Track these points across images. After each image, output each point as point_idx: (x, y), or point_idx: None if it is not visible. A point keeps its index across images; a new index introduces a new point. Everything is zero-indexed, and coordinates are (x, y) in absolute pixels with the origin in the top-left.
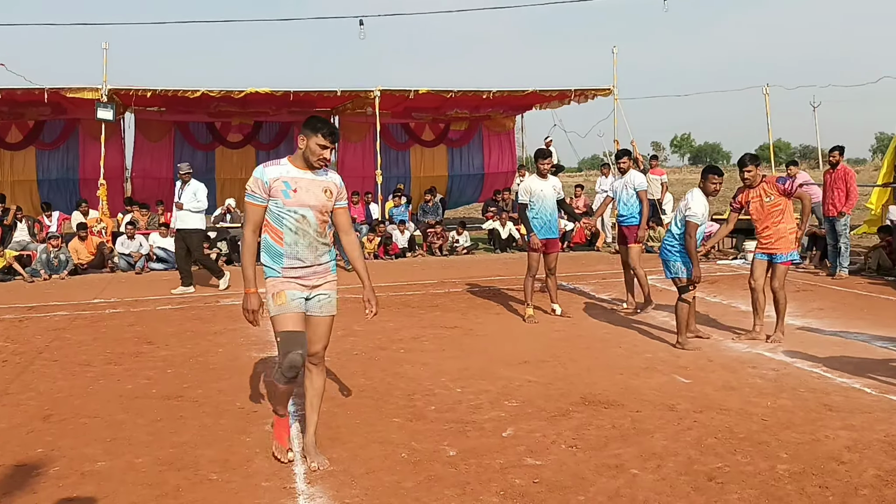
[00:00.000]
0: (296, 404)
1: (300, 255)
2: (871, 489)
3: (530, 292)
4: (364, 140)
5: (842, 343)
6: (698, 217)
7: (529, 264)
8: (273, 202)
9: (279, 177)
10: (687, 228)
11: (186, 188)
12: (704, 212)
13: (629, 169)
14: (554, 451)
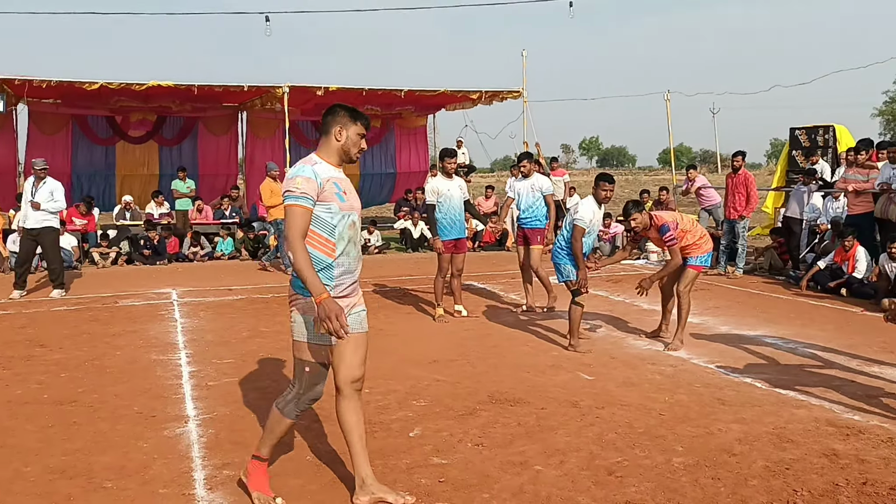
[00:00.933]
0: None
1: (352, 266)
2: (759, 479)
3: (440, 292)
4: (273, 136)
5: (735, 340)
6: (584, 222)
7: (440, 265)
8: (324, 206)
9: (330, 177)
10: (573, 233)
11: (42, 186)
12: (592, 217)
13: (530, 172)
14: (460, 449)
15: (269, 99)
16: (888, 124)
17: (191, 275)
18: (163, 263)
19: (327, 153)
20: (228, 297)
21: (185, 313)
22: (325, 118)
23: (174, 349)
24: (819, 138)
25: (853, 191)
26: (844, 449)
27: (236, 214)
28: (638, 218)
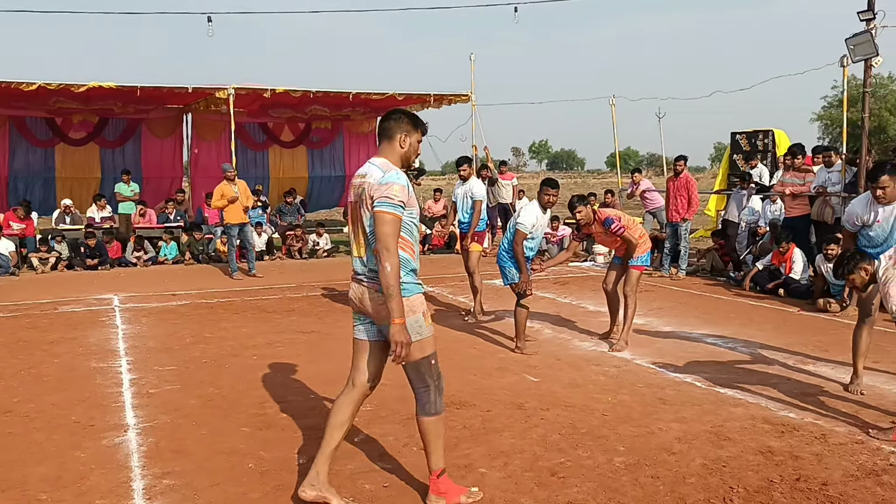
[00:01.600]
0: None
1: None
2: (697, 477)
3: None
4: (219, 139)
5: (677, 340)
6: (526, 227)
7: None
8: (409, 212)
9: (407, 183)
10: (515, 237)
11: None
12: (535, 222)
13: (469, 176)
14: (406, 454)
15: (214, 101)
16: (826, 129)
17: (134, 280)
18: (105, 269)
19: (394, 158)
20: (172, 302)
21: (127, 319)
22: (388, 123)
23: (115, 356)
24: (759, 143)
25: (790, 194)
26: (779, 446)
27: (181, 218)
28: (583, 211)
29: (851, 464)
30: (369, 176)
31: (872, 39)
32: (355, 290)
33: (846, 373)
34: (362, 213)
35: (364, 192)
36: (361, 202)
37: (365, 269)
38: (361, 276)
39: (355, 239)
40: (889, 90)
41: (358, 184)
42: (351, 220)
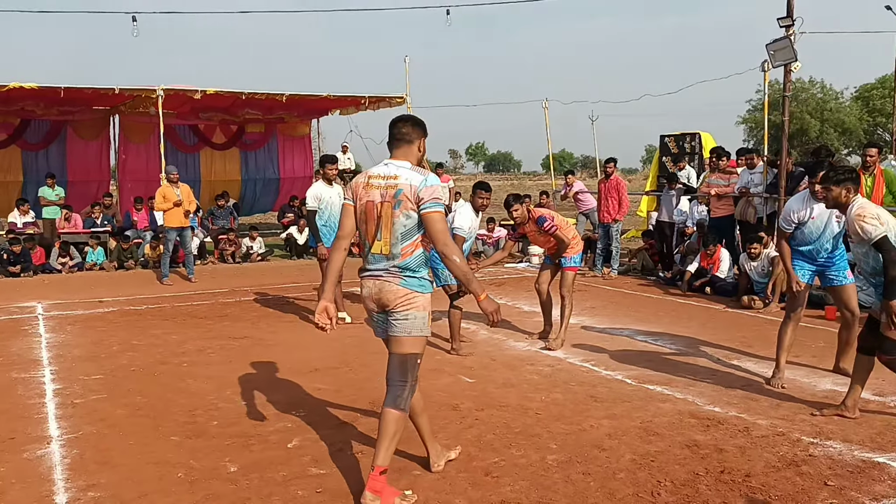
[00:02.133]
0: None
1: None
2: (626, 472)
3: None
4: (148, 142)
5: (609, 338)
6: (464, 230)
7: (322, 272)
8: None
9: None
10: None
11: None
12: (471, 224)
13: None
14: (339, 458)
15: (142, 102)
16: (751, 131)
17: (59, 287)
18: (28, 275)
19: (413, 161)
20: (99, 309)
21: (51, 328)
22: (407, 128)
23: (37, 366)
24: (686, 145)
25: (715, 195)
26: (705, 439)
27: (108, 223)
28: (519, 209)
29: (773, 455)
30: (404, 178)
31: (791, 45)
32: (371, 287)
33: (768, 367)
34: (396, 212)
35: (401, 193)
36: (397, 202)
37: (388, 265)
38: (381, 272)
39: (379, 237)
40: (810, 94)
41: (386, 184)
42: (370, 218)
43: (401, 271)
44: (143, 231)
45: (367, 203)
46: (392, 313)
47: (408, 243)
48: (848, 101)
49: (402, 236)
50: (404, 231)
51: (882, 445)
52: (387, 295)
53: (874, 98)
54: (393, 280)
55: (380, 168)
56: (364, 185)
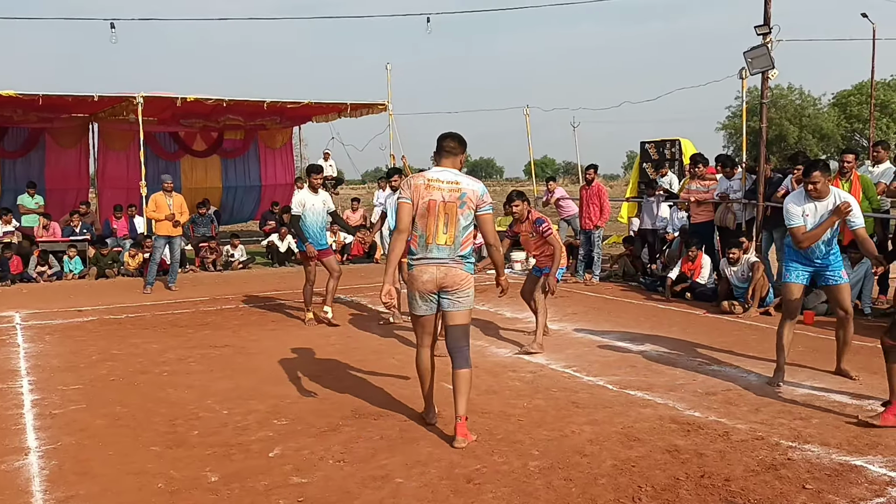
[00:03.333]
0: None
1: None
2: (608, 478)
3: (309, 299)
4: (128, 149)
5: (591, 344)
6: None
7: (307, 274)
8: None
9: None
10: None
11: None
12: None
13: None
14: (321, 467)
15: (122, 109)
16: (731, 137)
17: (37, 296)
18: (5, 285)
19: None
20: (78, 318)
21: (29, 338)
22: (454, 143)
23: (15, 376)
24: (667, 151)
25: (695, 201)
26: (685, 444)
27: (87, 231)
28: (520, 206)
29: (752, 459)
30: (465, 184)
31: (769, 53)
32: (435, 272)
33: (748, 372)
34: (461, 211)
35: (465, 195)
36: (461, 203)
37: (454, 254)
38: (447, 259)
39: (445, 231)
40: (789, 100)
41: (450, 188)
42: (432, 214)
43: (463, 259)
44: (123, 239)
45: (430, 202)
46: (456, 293)
47: (466, 235)
48: (826, 108)
49: (463, 230)
50: (465, 226)
51: (859, 448)
52: (453, 278)
53: (852, 104)
54: (457, 266)
55: (438, 173)
56: (425, 186)
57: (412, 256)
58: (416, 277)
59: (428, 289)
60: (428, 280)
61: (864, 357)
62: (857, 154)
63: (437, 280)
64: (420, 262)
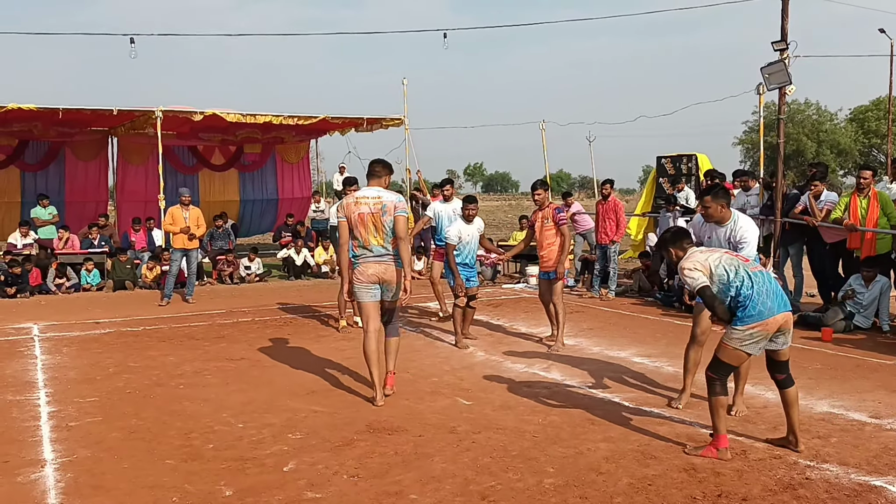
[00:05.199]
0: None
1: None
2: (624, 496)
3: (343, 306)
4: (147, 163)
5: (606, 360)
6: (452, 238)
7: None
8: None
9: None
10: (446, 250)
11: None
12: (459, 234)
13: (452, 196)
14: (335, 482)
15: (141, 123)
16: (748, 152)
17: (55, 308)
18: (24, 296)
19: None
20: (95, 331)
21: (47, 350)
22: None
23: (32, 388)
24: (683, 166)
25: None
26: (702, 463)
27: (105, 243)
28: (542, 194)
29: (770, 479)
30: (385, 198)
31: (786, 69)
32: (377, 268)
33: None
34: (384, 219)
35: (386, 206)
36: (384, 212)
37: (387, 252)
38: (385, 256)
39: (375, 235)
40: (806, 115)
41: (374, 202)
42: (366, 224)
43: (394, 258)
44: (141, 252)
45: (360, 215)
46: (391, 284)
47: (392, 238)
48: (843, 123)
49: (390, 232)
50: (389, 230)
51: (878, 468)
52: (391, 274)
53: (869, 120)
54: (393, 263)
55: (364, 191)
56: (354, 203)
57: (355, 258)
58: (363, 272)
59: (372, 280)
60: (372, 273)
61: (883, 375)
62: (874, 170)
63: (380, 273)
64: (363, 260)
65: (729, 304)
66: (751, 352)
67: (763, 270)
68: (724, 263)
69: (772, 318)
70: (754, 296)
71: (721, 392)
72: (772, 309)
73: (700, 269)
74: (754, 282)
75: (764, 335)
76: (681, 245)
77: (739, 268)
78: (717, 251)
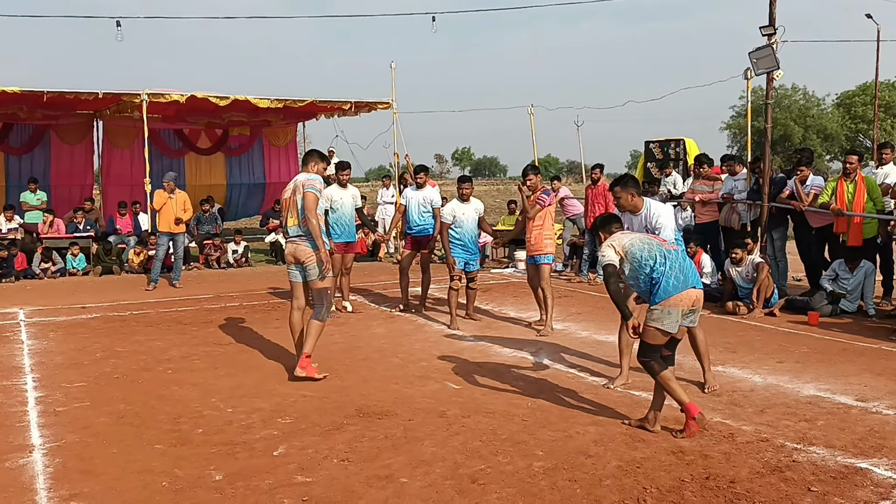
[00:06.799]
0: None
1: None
2: (613, 479)
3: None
4: (132, 146)
5: (595, 344)
6: (446, 217)
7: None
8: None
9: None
10: (440, 228)
11: None
12: (454, 212)
13: (425, 183)
14: (325, 466)
15: (127, 106)
16: (735, 137)
17: (41, 293)
18: (9, 281)
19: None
20: (82, 315)
21: (33, 334)
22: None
23: (19, 373)
24: (671, 151)
25: (700, 201)
26: (690, 446)
27: (91, 228)
28: (533, 179)
29: (757, 461)
30: (300, 180)
31: (774, 53)
32: (290, 247)
33: (753, 373)
34: (296, 197)
35: (297, 187)
36: (295, 192)
37: (297, 233)
38: (295, 237)
39: (291, 216)
40: (793, 100)
41: (293, 186)
42: (287, 207)
43: (305, 238)
44: (127, 236)
45: (284, 200)
46: (305, 264)
47: (303, 218)
48: (830, 108)
49: (301, 212)
50: (300, 209)
51: (864, 451)
52: (302, 252)
53: (856, 105)
54: (303, 243)
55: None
56: (284, 190)
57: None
58: (285, 252)
59: (290, 260)
60: (288, 253)
61: (868, 358)
62: (860, 155)
63: (292, 252)
64: (286, 241)
65: (644, 281)
66: (669, 329)
67: (677, 249)
68: (637, 243)
69: (685, 293)
70: (667, 272)
71: (660, 368)
72: (685, 283)
73: (613, 248)
74: (667, 259)
75: (678, 311)
76: (608, 229)
77: (654, 247)
78: (636, 234)
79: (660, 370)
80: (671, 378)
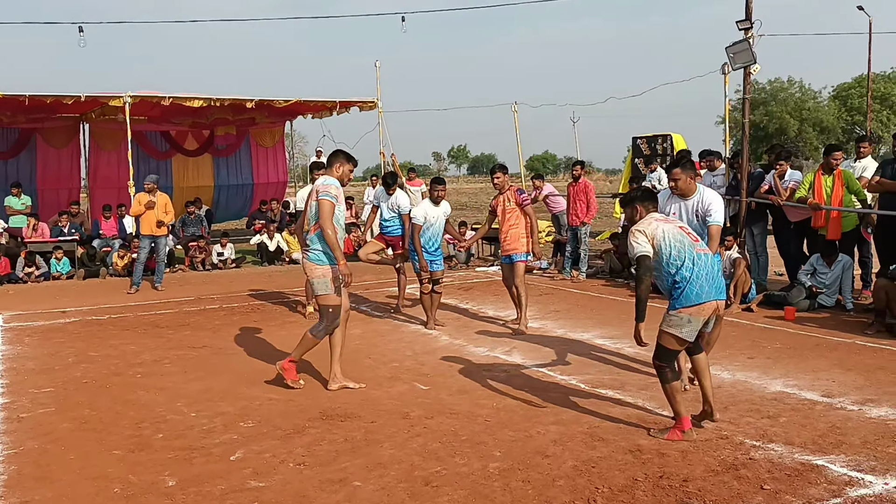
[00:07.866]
0: None
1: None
2: (566, 479)
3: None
4: (119, 148)
5: (568, 342)
6: (418, 219)
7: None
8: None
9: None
10: (412, 231)
11: None
12: (426, 214)
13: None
14: (281, 470)
15: (111, 109)
16: (731, 131)
17: (24, 297)
18: None
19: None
20: (60, 320)
21: (8, 340)
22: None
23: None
24: (658, 146)
25: None
26: (648, 444)
27: (76, 231)
28: (501, 177)
29: (713, 459)
30: (317, 184)
31: (750, 48)
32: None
33: (722, 369)
34: (311, 202)
35: (314, 192)
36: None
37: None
38: (305, 248)
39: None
40: (788, 93)
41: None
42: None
43: (310, 249)
44: (112, 239)
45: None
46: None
47: (314, 224)
48: (826, 101)
49: (311, 219)
50: (312, 215)
51: (823, 448)
52: (304, 267)
53: (852, 97)
54: (307, 255)
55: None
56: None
57: None
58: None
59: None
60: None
61: (840, 353)
62: (845, 151)
63: (302, 264)
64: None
65: (666, 279)
66: (687, 338)
67: (708, 253)
68: (669, 238)
69: (707, 303)
70: (693, 278)
71: (672, 378)
72: (709, 293)
73: (645, 235)
74: (696, 264)
75: (699, 320)
76: (647, 206)
77: (685, 247)
78: (672, 222)
79: (672, 379)
80: (678, 390)
